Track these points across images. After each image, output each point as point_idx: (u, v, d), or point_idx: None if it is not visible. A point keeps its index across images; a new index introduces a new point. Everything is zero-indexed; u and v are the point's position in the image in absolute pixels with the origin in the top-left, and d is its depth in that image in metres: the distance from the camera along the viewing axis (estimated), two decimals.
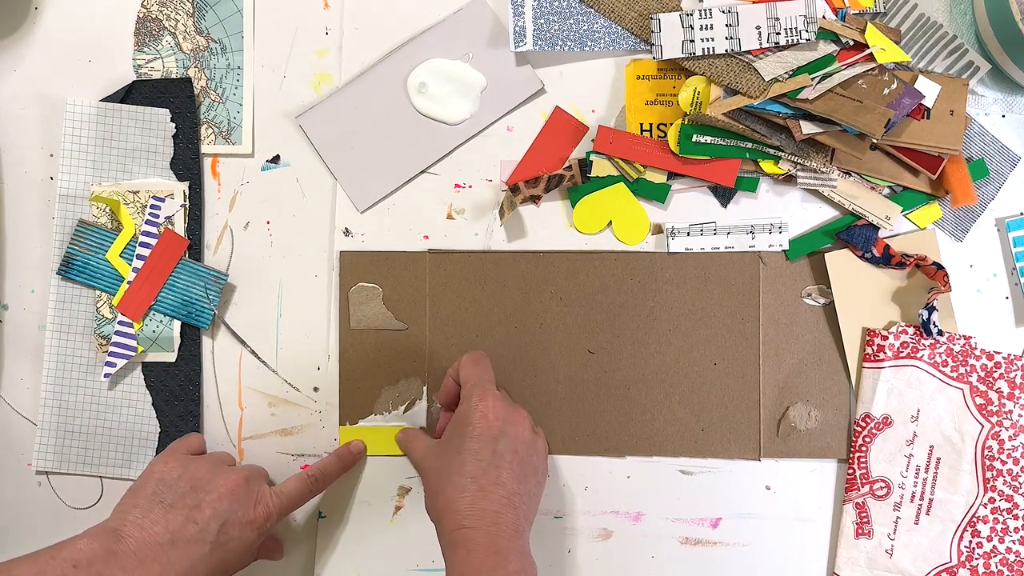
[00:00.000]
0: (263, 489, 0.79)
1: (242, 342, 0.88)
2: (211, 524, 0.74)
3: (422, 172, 0.87)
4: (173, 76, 0.87)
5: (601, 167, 0.85)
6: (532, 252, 0.87)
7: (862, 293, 0.85)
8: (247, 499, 0.77)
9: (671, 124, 0.84)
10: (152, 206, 0.86)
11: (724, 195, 0.86)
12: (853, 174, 0.84)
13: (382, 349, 0.87)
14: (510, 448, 0.76)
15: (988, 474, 0.84)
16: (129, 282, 0.86)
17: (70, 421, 0.87)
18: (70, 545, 0.71)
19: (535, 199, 0.86)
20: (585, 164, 0.86)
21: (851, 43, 0.81)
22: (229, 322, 0.88)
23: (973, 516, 0.84)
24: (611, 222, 0.86)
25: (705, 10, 0.81)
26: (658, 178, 0.85)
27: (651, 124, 0.85)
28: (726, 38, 0.81)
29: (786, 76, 0.80)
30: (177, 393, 0.87)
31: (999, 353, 0.84)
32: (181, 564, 0.73)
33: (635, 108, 0.85)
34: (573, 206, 0.86)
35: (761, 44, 0.81)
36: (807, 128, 0.80)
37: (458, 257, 0.87)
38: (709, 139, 0.83)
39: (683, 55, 0.82)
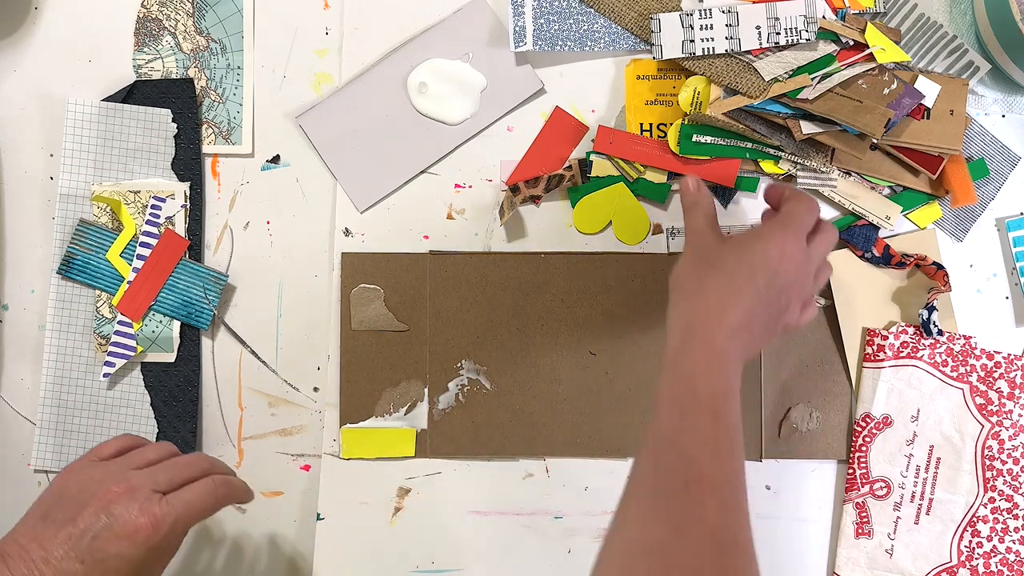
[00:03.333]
0: (152, 498, 0.70)
1: (242, 342, 0.88)
2: (83, 539, 0.67)
3: (422, 172, 0.87)
4: (173, 76, 0.87)
5: (601, 167, 0.85)
6: (533, 253, 0.87)
7: (862, 293, 0.85)
8: (129, 509, 0.68)
9: (671, 124, 0.84)
10: (153, 206, 0.86)
11: (724, 195, 0.86)
12: (853, 174, 0.84)
13: (383, 350, 0.87)
14: (777, 290, 0.70)
15: (988, 474, 0.84)
16: (129, 282, 0.86)
17: (69, 421, 0.87)
18: None
19: (535, 199, 0.86)
20: (585, 164, 0.86)
21: (851, 43, 0.81)
22: (229, 322, 0.88)
23: (973, 516, 0.84)
24: (611, 222, 0.86)
25: (705, 10, 0.81)
26: (658, 178, 0.85)
27: (651, 124, 0.85)
28: (726, 38, 0.81)
29: (786, 76, 0.80)
30: (176, 393, 0.87)
31: (999, 353, 0.84)
32: None
33: (635, 108, 0.85)
34: (573, 206, 0.86)
35: (761, 44, 0.81)
36: (807, 128, 0.80)
37: (459, 258, 0.87)
38: (709, 139, 0.83)
39: (683, 55, 0.82)
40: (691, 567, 0.58)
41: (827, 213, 0.86)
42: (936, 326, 0.83)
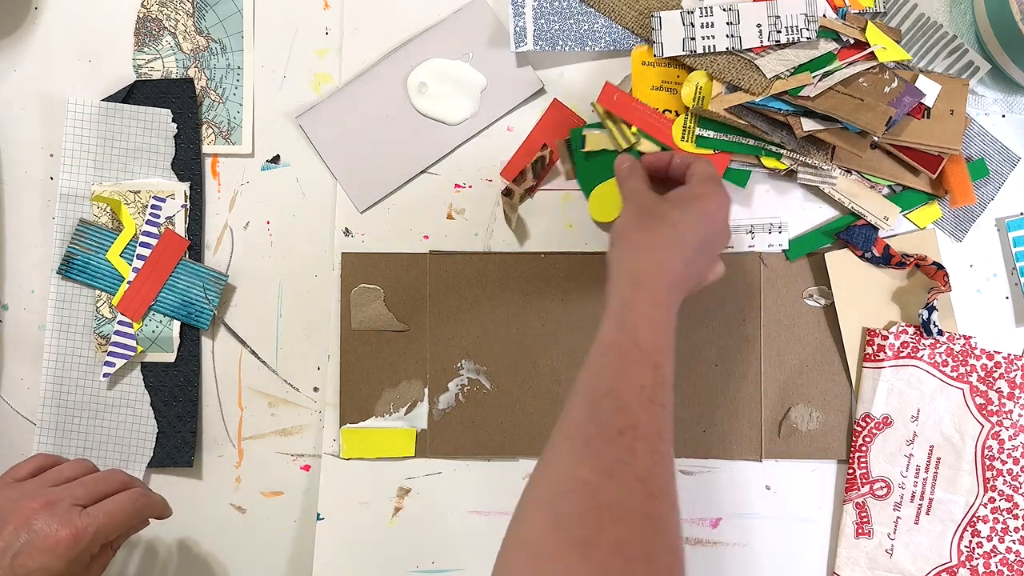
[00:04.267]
0: (72, 511, 0.71)
1: (242, 342, 0.88)
2: (3, 558, 0.68)
3: (422, 172, 0.87)
4: (173, 76, 0.87)
5: (594, 141, 0.85)
6: (533, 253, 0.87)
7: (862, 293, 0.85)
8: (48, 524, 0.69)
9: (675, 112, 0.84)
10: (153, 206, 0.86)
11: None
12: (853, 172, 0.84)
13: (383, 350, 0.87)
14: (713, 248, 0.74)
15: (988, 474, 0.84)
16: (129, 282, 0.86)
17: (69, 421, 0.87)
18: None
19: (530, 191, 0.86)
20: (571, 143, 0.85)
21: (852, 41, 0.81)
22: (229, 322, 0.88)
23: (973, 516, 0.84)
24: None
25: (706, 8, 0.81)
26: (651, 148, 0.84)
27: (656, 110, 0.85)
28: (727, 36, 0.81)
29: (788, 73, 0.80)
30: (176, 393, 0.87)
31: (999, 353, 0.84)
32: None
33: (641, 93, 0.85)
34: (587, 196, 0.85)
35: (762, 42, 0.81)
36: (808, 125, 0.80)
37: (459, 258, 0.87)
38: (711, 134, 0.83)
39: (684, 53, 0.82)
40: (619, 508, 0.59)
41: (827, 212, 0.86)
42: (936, 326, 0.83)
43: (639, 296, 0.68)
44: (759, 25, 0.80)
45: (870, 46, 0.80)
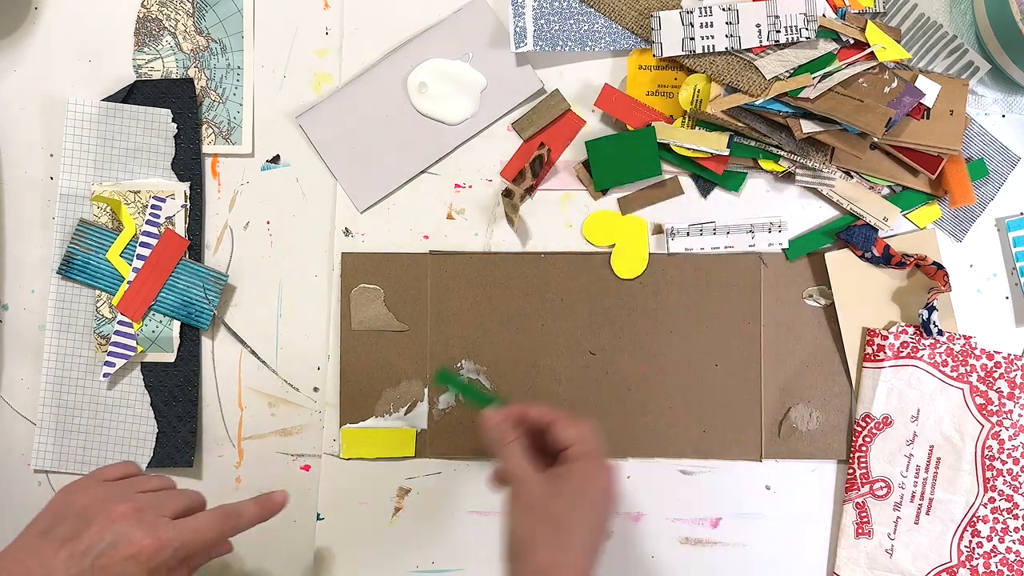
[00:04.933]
0: (159, 521, 0.70)
1: (242, 342, 0.88)
2: (86, 557, 0.67)
3: (422, 172, 0.87)
4: (173, 76, 0.87)
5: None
6: (533, 253, 0.87)
7: (862, 293, 0.85)
8: (134, 530, 0.69)
9: (671, 116, 0.84)
10: (153, 206, 0.86)
11: (703, 186, 0.86)
12: (853, 174, 0.84)
13: (383, 350, 0.87)
14: (608, 530, 0.73)
15: (988, 474, 0.84)
16: (129, 282, 0.86)
17: (69, 420, 0.87)
18: None
19: (530, 191, 0.86)
20: (588, 160, 0.86)
21: (851, 41, 0.81)
22: (229, 322, 0.88)
23: (973, 516, 0.84)
24: (614, 245, 0.86)
25: (705, 8, 0.81)
26: None
27: (655, 111, 0.85)
28: (726, 36, 0.81)
29: (787, 74, 0.80)
30: (176, 393, 0.87)
31: (999, 353, 0.84)
32: None
33: (637, 98, 0.85)
34: (591, 174, 0.85)
35: (761, 42, 0.81)
36: (807, 127, 0.80)
37: (459, 258, 0.87)
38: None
39: (683, 52, 0.82)
40: None
41: (827, 212, 0.86)
42: (936, 326, 0.83)
43: None
44: (758, 25, 0.80)
45: (870, 46, 0.80)
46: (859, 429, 0.85)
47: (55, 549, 0.67)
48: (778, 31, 0.80)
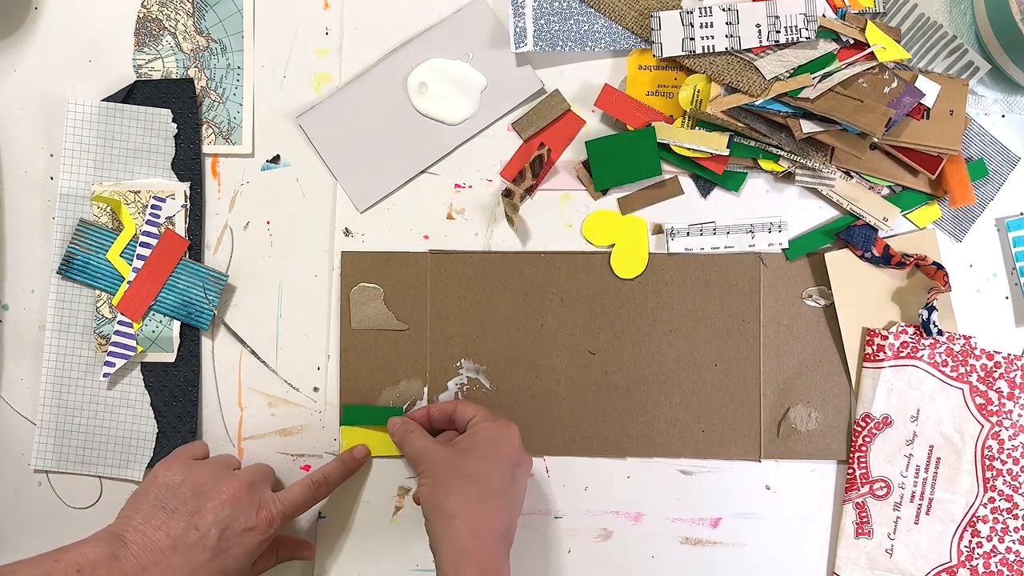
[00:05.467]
0: (266, 495, 0.78)
1: (242, 342, 0.88)
2: (212, 530, 0.74)
3: (422, 172, 0.87)
4: (173, 76, 0.87)
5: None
6: (533, 253, 0.87)
7: (862, 293, 0.85)
8: (249, 505, 0.77)
9: (672, 117, 0.84)
10: (153, 206, 0.86)
11: (703, 185, 0.86)
12: (853, 174, 0.84)
13: (383, 349, 0.87)
14: (522, 482, 0.78)
15: (988, 474, 0.84)
16: (129, 282, 0.86)
17: (69, 420, 0.87)
18: (74, 549, 0.71)
19: (530, 191, 0.86)
20: (588, 160, 0.86)
21: (851, 41, 0.81)
22: (229, 322, 0.88)
23: (973, 516, 0.84)
24: (614, 245, 0.86)
25: (705, 8, 0.81)
26: None
27: (654, 110, 0.85)
28: (726, 36, 0.81)
29: (787, 75, 0.80)
30: (176, 393, 0.87)
31: (999, 353, 0.84)
32: (181, 569, 0.73)
33: (636, 98, 0.85)
34: (591, 174, 0.85)
35: (761, 42, 0.81)
36: (807, 127, 0.80)
37: (459, 258, 0.87)
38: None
39: (683, 53, 0.82)
40: None
41: (826, 212, 0.86)
42: (936, 326, 0.83)
43: (469, 571, 0.71)
44: (758, 25, 0.80)
45: (870, 46, 0.80)
46: (859, 429, 0.85)
47: (178, 522, 0.74)
48: (778, 31, 0.80)
